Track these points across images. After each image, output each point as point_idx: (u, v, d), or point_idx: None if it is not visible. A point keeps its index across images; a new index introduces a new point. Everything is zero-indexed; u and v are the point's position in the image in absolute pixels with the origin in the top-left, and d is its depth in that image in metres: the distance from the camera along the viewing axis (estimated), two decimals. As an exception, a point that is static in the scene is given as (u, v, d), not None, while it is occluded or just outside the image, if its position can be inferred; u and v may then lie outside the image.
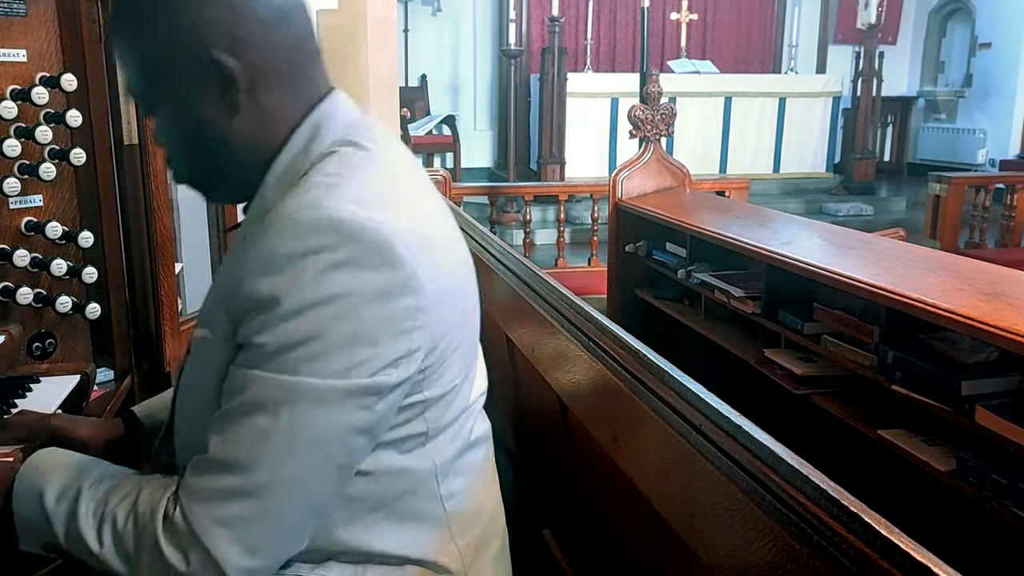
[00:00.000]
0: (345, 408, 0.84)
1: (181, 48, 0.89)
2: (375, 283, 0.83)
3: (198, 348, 0.94)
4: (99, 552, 0.88)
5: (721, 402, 0.92)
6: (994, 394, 1.99)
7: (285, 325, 0.82)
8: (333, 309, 0.82)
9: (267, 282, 0.82)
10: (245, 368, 0.84)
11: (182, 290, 2.02)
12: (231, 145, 0.93)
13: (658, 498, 1.04)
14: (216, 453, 0.84)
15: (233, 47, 0.89)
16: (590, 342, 1.28)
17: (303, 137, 0.94)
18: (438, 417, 0.95)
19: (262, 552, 0.84)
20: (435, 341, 0.90)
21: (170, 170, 1.02)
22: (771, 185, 8.32)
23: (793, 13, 9.23)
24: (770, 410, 2.62)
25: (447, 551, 1.00)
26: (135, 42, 0.92)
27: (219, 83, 0.90)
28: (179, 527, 0.84)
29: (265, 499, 0.83)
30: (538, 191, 6.06)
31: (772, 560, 0.78)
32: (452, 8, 9.15)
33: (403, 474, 0.94)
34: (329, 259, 0.82)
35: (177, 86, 0.91)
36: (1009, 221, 5.56)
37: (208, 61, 0.89)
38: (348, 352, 0.83)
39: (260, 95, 0.92)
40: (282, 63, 0.93)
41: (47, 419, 1.18)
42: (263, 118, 0.93)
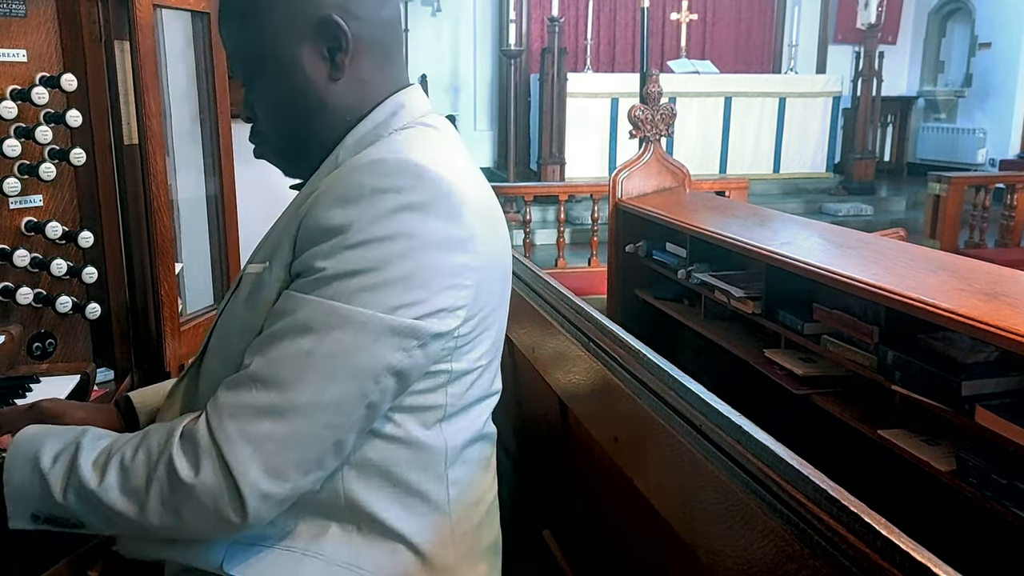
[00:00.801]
0: (387, 344, 0.86)
1: (300, 10, 0.96)
2: (441, 232, 0.88)
3: (251, 282, 0.95)
4: (98, 489, 0.86)
5: (721, 402, 0.93)
6: (994, 394, 1.99)
7: (349, 253, 0.85)
8: (397, 246, 0.86)
9: (342, 211, 0.86)
10: (299, 292, 0.87)
11: (182, 290, 2.02)
12: (326, 109, 0.99)
13: (658, 498, 1.04)
14: (257, 370, 0.86)
15: (344, 14, 0.96)
16: (590, 342, 1.28)
17: (386, 112, 1.00)
18: (459, 395, 0.97)
19: (281, 477, 0.85)
20: (475, 309, 0.94)
21: (254, 142, 1.05)
22: (771, 185, 8.32)
23: (793, 13, 9.23)
24: (770, 410, 2.62)
25: (444, 536, 1.00)
26: (253, 6, 0.97)
27: (328, 45, 0.97)
28: (199, 439, 0.84)
29: (297, 422, 0.84)
30: (538, 191, 6.06)
31: (772, 560, 0.78)
32: (452, 8, 9.15)
33: (416, 446, 0.96)
34: (405, 200, 0.86)
35: (289, 45, 0.96)
36: (1009, 221, 5.56)
37: (323, 22, 0.96)
38: (401, 290, 0.86)
39: (359, 64, 0.99)
40: (381, 39, 1.01)
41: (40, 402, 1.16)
42: (358, 87, 1.00)
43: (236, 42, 1.01)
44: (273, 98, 1.00)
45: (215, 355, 1.00)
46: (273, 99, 1.00)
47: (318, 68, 0.97)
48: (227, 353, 0.95)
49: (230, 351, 0.94)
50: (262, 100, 1.01)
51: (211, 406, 0.87)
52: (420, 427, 0.95)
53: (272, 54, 0.97)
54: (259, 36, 0.97)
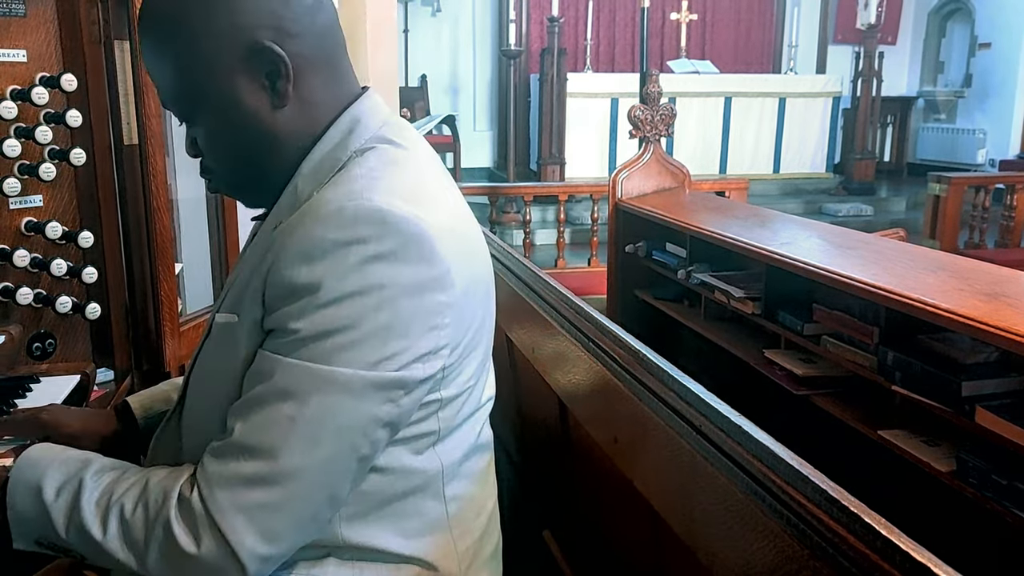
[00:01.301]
0: (372, 400, 0.84)
1: (226, 40, 0.88)
2: (413, 276, 0.84)
3: (221, 333, 0.93)
4: (103, 540, 0.86)
5: (721, 402, 0.92)
6: (994, 395, 1.99)
7: (322, 312, 0.82)
8: (371, 299, 0.82)
9: (307, 269, 0.83)
10: (275, 354, 0.84)
11: (182, 290, 2.02)
12: (276, 140, 0.93)
13: (658, 498, 1.04)
14: (240, 438, 0.84)
15: (278, 35, 0.89)
16: (590, 342, 1.28)
17: (341, 131, 0.94)
18: (450, 417, 0.96)
19: (278, 540, 0.84)
20: (459, 339, 0.91)
21: (206, 179, 1.00)
22: (771, 185, 8.32)
23: (793, 13, 9.23)
24: (770, 411, 2.62)
25: (447, 553, 1.00)
26: (175, 43, 0.89)
27: (267, 73, 0.90)
28: (195, 511, 0.84)
29: (288, 487, 0.83)
30: (538, 191, 6.06)
31: (772, 560, 0.78)
32: (452, 8, 9.15)
33: (412, 473, 0.95)
34: (372, 249, 0.83)
35: (223, 82, 0.90)
36: (1009, 221, 5.56)
37: (256, 51, 0.89)
38: (381, 344, 0.83)
39: (303, 85, 0.92)
40: (321, 52, 0.93)
41: (38, 412, 1.16)
42: (305, 110, 0.93)
43: (163, 78, 0.93)
44: (216, 135, 0.94)
45: (194, 407, 0.99)
46: (216, 136, 0.94)
47: (258, 99, 0.90)
48: (206, 405, 0.94)
49: (209, 403, 0.92)
50: (204, 138, 0.95)
51: (200, 476, 0.85)
52: (413, 455, 0.94)
53: (204, 89, 0.90)
54: (188, 71, 0.90)
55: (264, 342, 0.86)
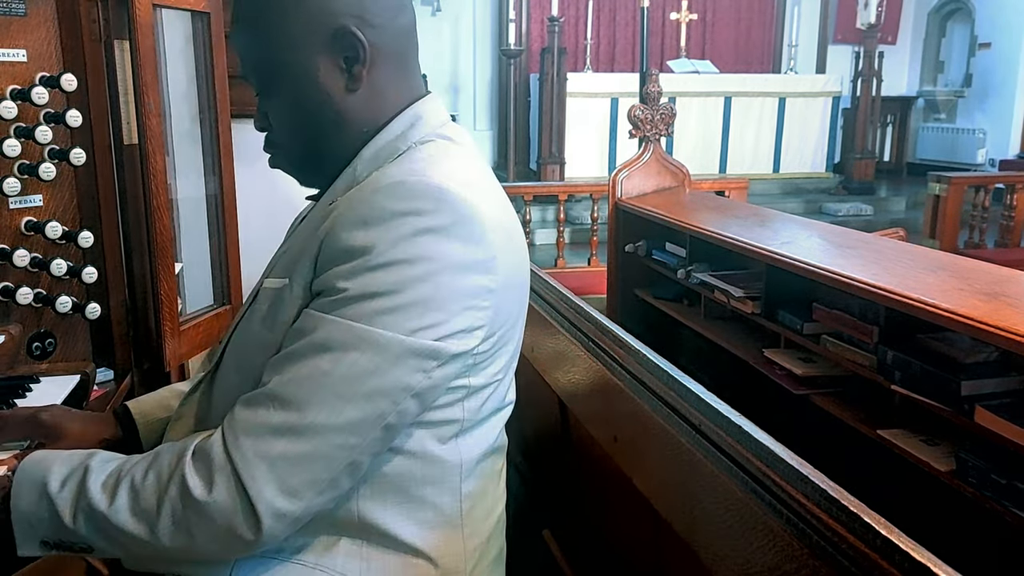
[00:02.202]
0: (406, 366, 0.86)
1: (314, 19, 0.94)
2: (461, 255, 0.88)
3: (270, 298, 0.95)
4: (109, 512, 0.86)
5: (721, 402, 0.93)
6: (994, 394, 1.99)
7: (371, 275, 0.85)
8: (417, 269, 0.86)
9: (363, 233, 0.86)
10: (319, 312, 0.87)
11: (182, 290, 2.02)
12: (343, 120, 0.98)
13: (658, 498, 1.04)
14: (274, 388, 0.86)
15: (361, 24, 0.95)
16: (590, 342, 1.28)
17: (404, 123, 1.00)
18: (475, 409, 0.97)
19: (295, 496, 0.84)
20: (494, 328, 0.94)
21: (268, 151, 1.04)
22: (771, 185, 8.32)
23: (793, 13, 9.23)
24: (770, 410, 2.62)
25: (456, 550, 1.00)
26: (268, 15, 0.96)
27: (345, 56, 0.96)
28: (214, 456, 0.84)
29: (314, 442, 0.84)
30: (538, 191, 6.06)
31: (772, 560, 0.78)
32: (452, 8, 9.15)
33: (432, 461, 0.96)
34: (427, 223, 0.86)
35: (305, 57, 0.95)
36: (1009, 221, 5.56)
37: (341, 34, 0.95)
38: (420, 312, 0.86)
39: (376, 75, 0.98)
40: (397, 48, 1.00)
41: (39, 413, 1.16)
42: (375, 98, 0.99)
43: (250, 50, 0.99)
44: (288, 109, 0.99)
45: (230, 370, 1.00)
46: (288, 110, 0.99)
47: (335, 79, 0.96)
48: (243, 368, 0.95)
49: (247, 366, 0.94)
50: (276, 111, 1.00)
51: (227, 423, 0.87)
52: (436, 442, 0.95)
53: (287, 64, 0.96)
54: (274, 46, 0.96)
55: (310, 303, 0.89)
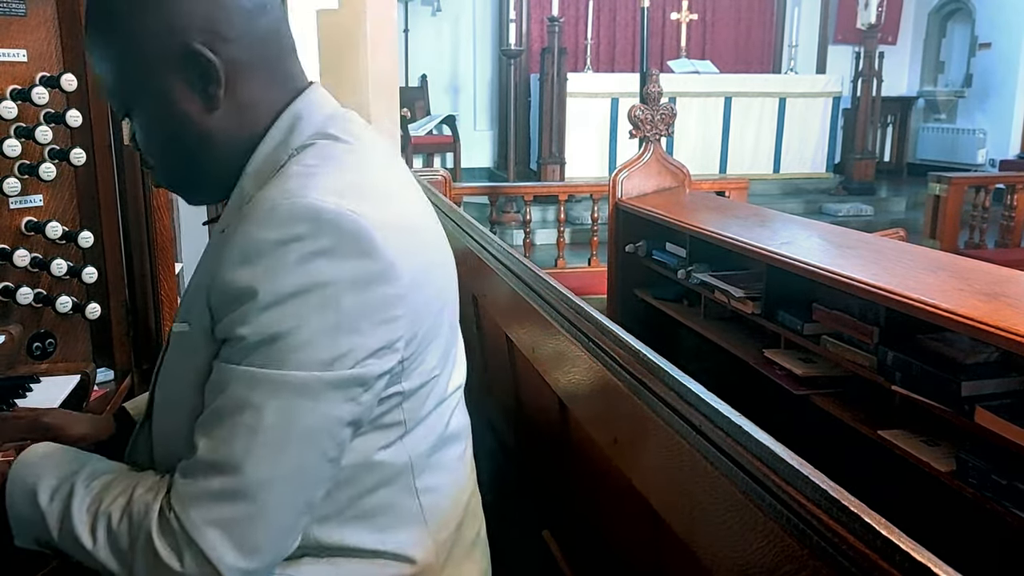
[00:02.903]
0: (332, 400, 0.83)
1: (159, 42, 0.88)
2: (354, 272, 0.83)
3: (177, 342, 0.92)
4: (92, 549, 0.86)
5: (721, 402, 0.92)
6: (994, 395, 1.99)
7: (265, 315, 0.81)
8: (313, 298, 0.81)
9: (246, 272, 0.82)
10: (227, 363, 0.83)
11: (182, 290, 2.01)
12: (211, 141, 0.92)
13: (658, 498, 1.04)
14: (205, 455, 0.83)
15: (212, 40, 0.89)
16: (590, 342, 1.28)
17: (282, 129, 0.94)
18: (415, 409, 0.95)
19: (257, 552, 0.83)
20: (415, 331, 0.90)
21: (147, 171, 1.02)
22: (771, 185, 8.31)
23: (793, 13, 9.22)
24: (770, 410, 2.61)
25: (423, 546, 0.99)
26: (112, 39, 0.91)
27: (199, 77, 0.89)
28: (173, 528, 0.83)
29: (259, 498, 0.82)
30: (538, 191, 6.06)
31: (772, 560, 0.78)
32: (452, 8, 9.15)
33: (378, 468, 0.94)
34: (308, 247, 0.81)
35: (156, 82, 0.90)
36: (1009, 221, 5.56)
37: (187, 54, 0.88)
38: (331, 342, 0.82)
39: (239, 89, 0.92)
40: (260, 55, 0.93)
41: (41, 416, 1.17)
42: (242, 112, 0.93)
43: (104, 73, 0.94)
44: (151, 133, 0.95)
45: (160, 419, 0.98)
46: (151, 134, 0.95)
47: (191, 102, 0.90)
48: (171, 416, 0.93)
49: (173, 414, 0.92)
50: (142, 135, 0.96)
51: (173, 496, 0.84)
52: (380, 449, 0.93)
53: (141, 90, 0.91)
54: (126, 71, 0.91)
55: (218, 352, 0.85)
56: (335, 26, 3.48)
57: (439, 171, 5.34)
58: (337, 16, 3.45)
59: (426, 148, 8.15)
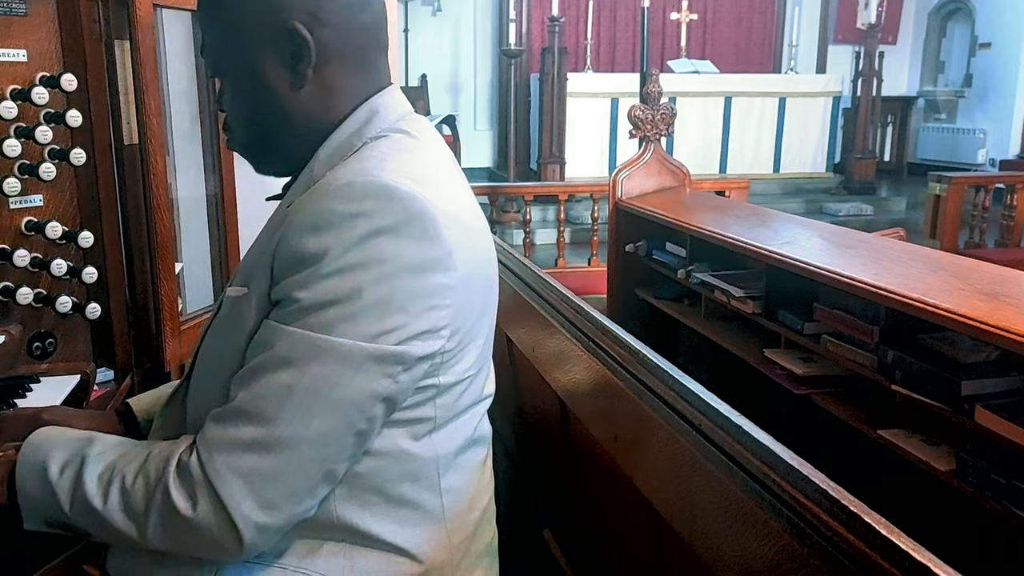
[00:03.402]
0: (370, 373, 0.85)
1: (263, 15, 0.94)
2: (415, 254, 0.86)
3: (232, 306, 0.95)
4: (103, 510, 0.87)
5: (721, 402, 0.92)
6: (994, 394, 1.99)
7: (325, 282, 0.84)
8: (371, 273, 0.84)
9: (314, 239, 0.85)
10: (278, 323, 0.86)
11: (182, 290, 2.01)
12: (290, 117, 0.97)
13: (658, 498, 1.04)
14: (241, 404, 0.85)
15: (311, 22, 0.94)
16: (590, 342, 1.28)
17: (359, 120, 0.98)
18: (448, 406, 0.97)
19: (274, 509, 0.85)
20: (458, 324, 0.92)
21: (225, 135, 1.05)
22: (771, 185, 8.31)
23: (793, 13, 9.23)
24: (770, 410, 2.62)
25: (440, 545, 1.00)
26: (219, 3, 0.96)
27: (291, 55, 0.94)
28: (193, 473, 0.85)
29: (285, 455, 0.84)
30: (538, 191, 6.05)
31: (772, 560, 0.78)
32: (452, 8, 9.15)
33: (406, 459, 0.95)
34: (377, 223, 0.85)
35: (252, 50, 0.95)
36: (1009, 221, 5.56)
37: (286, 31, 0.93)
38: (379, 317, 0.85)
39: (327, 73, 0.96)
40: (354, 47, 0.98)
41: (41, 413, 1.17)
42: (326, 96, 0.97)
43: (206, 35, 1.01)
44: (237, 99, 1.00)
45: (201, 380, 1.00)
46: (237, 100, 1.00)
47: (280, 77, 0.96)
48: (213, 378, 0.95)
49: (216, 376, 0.94)
50: (228, 98, 1.01)
51: (200, 440, 0.86)
52: (410, 439, 0.95)
53: (236, 56, 0.96)
54: (226, 35, 0.97)
55: (270, 313, 0.88)
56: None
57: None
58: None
59: (426, 148, 8.13)
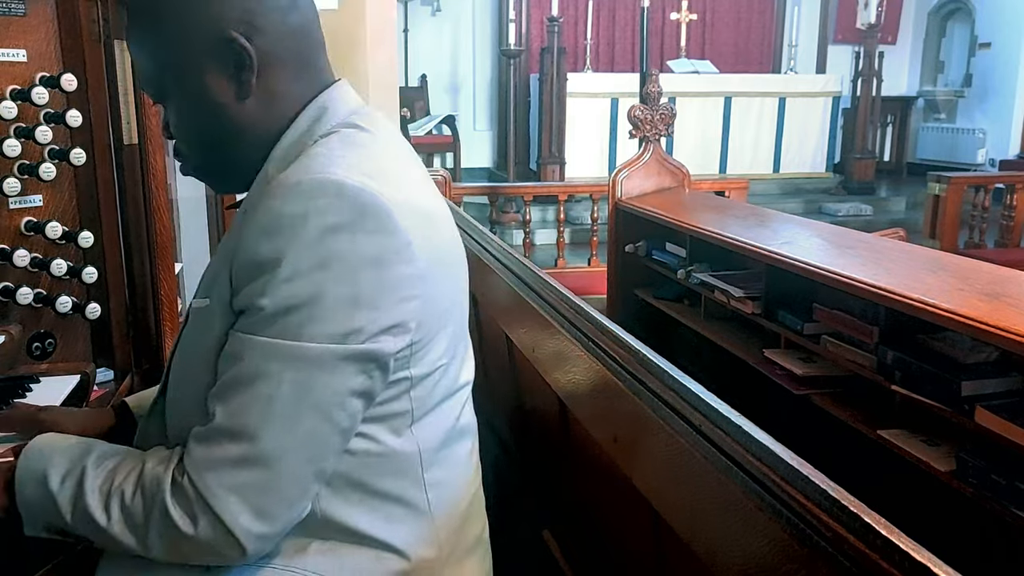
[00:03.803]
0: (345, 373, 0.85)
1: (198, 29, 0.92)
2: (373, 248, 0.85)
3: (196, 317, 0.95)
4: (107, 525, 0.88)
5: (721, 402, 0.92)
6: (994, 394, 1.99)
7: (285, 287, 0.83)
8: (332, 272, 0.83)
9: (269, 243, 0.84)
10: (244, 333, 0.86)
11: (182, 290, 2.02)
12: (240, 128, 0.96)
13: (658, 498, 1.04)
14: (222, 423, 0.85)
15: (248, 30, 0.93)
16: (590, 342, 1.28)
17: (308, 119, 0.97)
18: (423, 397, 0.96)
19: (272, 519, 0.85)
20: (426, 314, 0.92)
21: (177, 161, 1.04)
22: (771, 185, 8.31)
23: (793, 13, 9.23)
24: (770, 410, 2.62)
25: (428, 540, 1.00)
26: (152, 26, 0.94)
27: (233, 65, 0.93)
28: (188, 493, 0.85)
29: (274, 466, 0.85)
30: (538, 191, 6.05)
31: (772, 560, 0.78)
32: (452, 8, 9.15)
33: (388, 454, 0.95)
34: (329, 221, 0.83)
35: (192, 68, 0.94)
36: (1009, 221, 5.55)
37: (225, 42, 0.92)
38: (346, 316, 0.84)
39: (270, 79, 0.95)
40: (291, 48, 0.97)
41: (37, 413, 1.18)
42: (271, 102, 0.96)
43: (142, 60, 0.98)
44: (184, 119, 0.98)
45: (175, 392, 0.99)
46: (184, 120, 0.98)
47: (224, 90, 0.94)
48: (186, 390, 0.95)
49: (187, 388, 0.94)
50: (175, 121, 0.99)
51: (188, 461, 0.86)
52: (390, 434, 0.95)
53: (177, 76, 0.95)
54: (164, 57, 0.95)
55: (235, 323, 0.88)
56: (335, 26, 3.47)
57: (439, 171, 5.34)
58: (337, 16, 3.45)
59: (426, 148, 8.14)
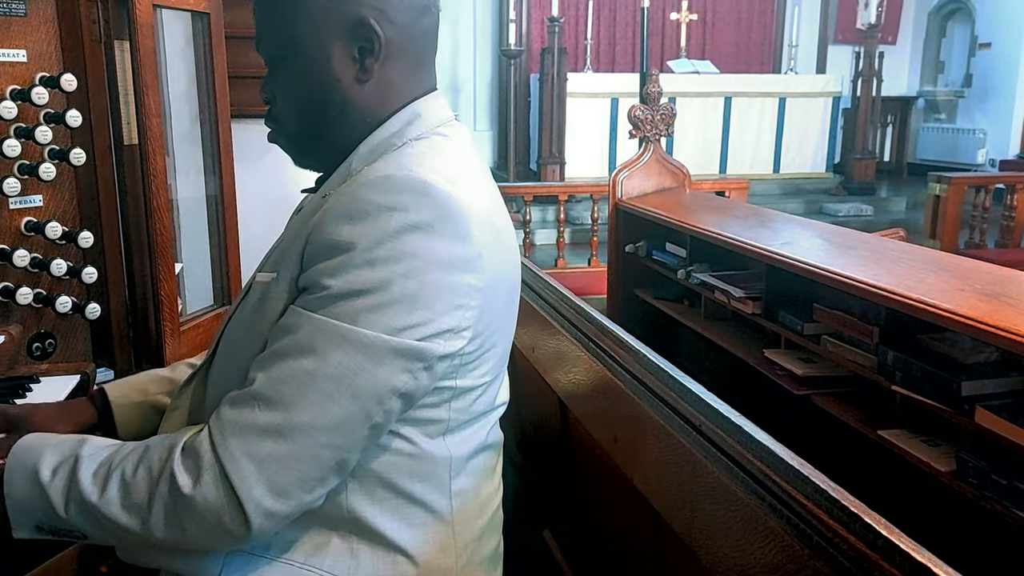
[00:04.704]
0: (391, 366, 0.86)
1: (338, 5, 0.95)
2: (446, 252, 0.87)
3: (259, 291, 0.95)
4: (99, 502, 0.86)
5: (721, 402, 0.92)
6: (994, 394, 1.99)
7: (356, 272, 0.85)
8: (402, 266, 0.85)
9: (348, 228, 0.86)
10: (303, 309, 0.87)
11: (182, 290, 2.02)
12: (348, 108, 0.98)
13: (658, 498, 1.04)
14: (260, 388, 0.85)
15: (381, 18, 0.96)
16: (590, 342, 1.28)
17: (402, 120, 1.00)
18: (462, 410, 0.97)
19: (285, 495, 0.85)
20: (481, 328, 0.93)
21: (269, 125, 1.04)
22: (771, 185, 8.31)
23: (793, 13, 9.23)
24: (770, 410, 2.62)
25: (446, 547, 1.00)
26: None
27: (361, 47, 0.96)
28: (202, 454, 0.84)
29: (300, 442, 0.84)
30: (538, 191, 6.05)
31: (772, 560, 0.78)
32: (452, 8, 9.14)
33: (420, 457, 0.95)
34: (411, 219, 0.86)
35: (321, 39, 0.96)
36: (1009, 221, 5.55)
37: (358, 22, 0.95)
38: (406, 311, 0.85)
39: (390, 69, 0.99)
40: (413, 48, 1.00)
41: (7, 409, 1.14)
42: (384, 91, 0.99)
43: (268, 21, 0.99)
44: (296, 87, 0.99)
45: (223, 362, 1.00)
46: (295, 88, 0.99)
47: (346, 67, 0.97)
48: (235, 361, 0.95)
49: (238, 359, 0.94)
50: (284, 86, 1.00)
51: (214, 422, 0.86)
52: (424, 437, 0.95)
53: (303, 43, 0.96)
54: (293, 21, 0.96)
55: (296, 299, 0.89)
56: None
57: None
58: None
59: (426, 148, 8.13)
